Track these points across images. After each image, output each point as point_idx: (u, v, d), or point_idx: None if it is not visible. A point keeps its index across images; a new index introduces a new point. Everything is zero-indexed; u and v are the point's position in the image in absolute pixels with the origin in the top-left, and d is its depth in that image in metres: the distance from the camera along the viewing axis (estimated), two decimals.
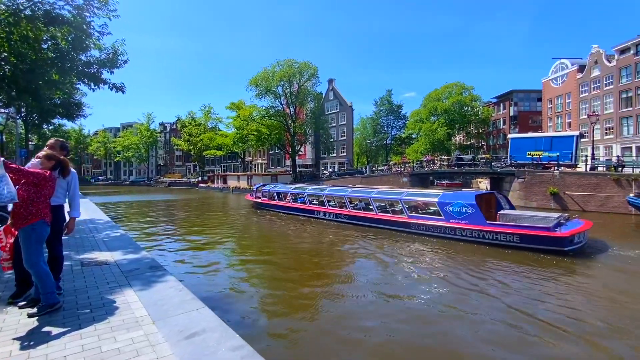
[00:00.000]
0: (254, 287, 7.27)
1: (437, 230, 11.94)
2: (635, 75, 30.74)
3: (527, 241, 10.05)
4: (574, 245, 9.65)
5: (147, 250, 9.36)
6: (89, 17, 7.84)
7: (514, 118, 50.61)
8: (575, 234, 9.67)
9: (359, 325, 5.26)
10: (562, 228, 9.94)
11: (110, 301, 3.51)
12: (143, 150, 73.55)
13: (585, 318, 5.52)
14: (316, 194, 18.54)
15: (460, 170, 29.53)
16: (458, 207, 11.57)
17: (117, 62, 8.03)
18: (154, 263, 4.92)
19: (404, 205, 13.29)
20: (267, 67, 41.07)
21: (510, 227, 10.61)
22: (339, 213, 15.97)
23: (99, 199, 34.17)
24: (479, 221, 10.96)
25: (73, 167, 3.81)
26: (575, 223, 10.58)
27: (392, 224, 13.50)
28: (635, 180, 18.36)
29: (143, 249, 5.86)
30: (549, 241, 9.71)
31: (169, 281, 4.10)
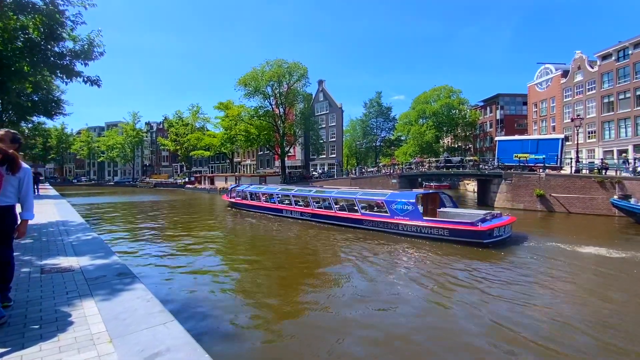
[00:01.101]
0: (231, 294, 6.99)
1: (384, 226, 13.35)
2: (616, 80, 31.57)
3: (454, 234, 11.41)
4: (492, 238, 11.00)
5: (121, 255, 8.94)
6: (62, 4, 7.34)
7: (500, 121, 51.47)
8: (494, 228, 11.04)
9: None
10: (483, 223, 11.18)
11: (65, 315, 3.11)
12: (128, 150, 71.71)
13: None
14: (285, 194, 19.43)
15: (448, 172, 29.66)
16: (401, 205, 12.89)
17: (91, 53, 7.54)
18: (124, 269, 4.51)
19: (358, 203, 14.67)
20: (256, 67, 40.61)
21: (441, 222, 11.99)
22: (303, 212, 17.18)
23: (79, 200, 33.00)
24: (417, 217, 12.36)
25: (26, 162, 3.39)
26: (499, 219, 11.92)
27: (348, 221, 14.80)
28: (618, 182, 18.70)
29: (114, 254, 5.42)
30: (471, 234, 11.06)
31: (137, 290, 3.71)
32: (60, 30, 7.18)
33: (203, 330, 5.27)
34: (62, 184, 70.38)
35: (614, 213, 17.99)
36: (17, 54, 7.00)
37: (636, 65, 29.64)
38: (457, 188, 52.08)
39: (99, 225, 16.05)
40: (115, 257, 5.17)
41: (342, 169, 45.77)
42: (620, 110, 31.13)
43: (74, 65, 7.49)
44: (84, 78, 7.67)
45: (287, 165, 49.04)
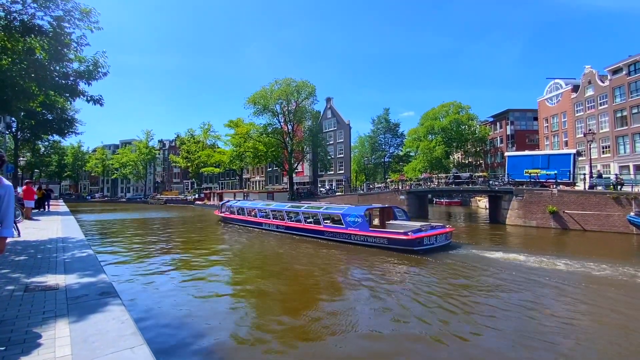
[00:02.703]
0: (215, 315, 6.74)
1: (340, 236, 15.20)
2: (628, 94, 30.96)
3: (392, 243, 13.19)
4: (422, 246, 12.70)
5: (115, 273, 8.89)
6: (68, 28, 7.66)
7: (511, 137, 50.79)
8: (424, 237, 12.83)
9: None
10: (415, 233, 12.92)
11: (35, 336, 3.00)
12: (141, 167, 73.37)
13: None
14: (265, 208, 21.31)
15: (457, 189, 29.11)
16: (353, 217, 14.75)
17: (96, 74, 7.79)
18: (108, 288, 4.41)
19: (321, 217, 16.52)
20: (265, 86, 41.60)
21: (382, 232, 13.88)
22: (279, 224, 19.10)
23: (90, 216, 33.58)
24: (365, 228, 14.22)
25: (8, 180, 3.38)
26: (433, 230, 13.62)
27: (313, 232, 16.72)
28: (634, 198, 17.96)
29: (103, 272, 5.34)
30: (404, 243, 12.78)
31: (115, 311, 3.59)
32: (66, 52, 7.47)
33: (179, 353, 5.11)
34: (76, 200, 72.07)
35: (632, 230, 17.20)
36: (22, 74, 7.27)
37: None
38: (468, 205, 51.03)
39: (101, 242, 16.20)
40: (103, 276, 5.09)
41: (350, 185, 45.56)
42: (635, 125, 30.35)
43: (77, 85, 7.76)
44: (87, 97, 7.91)
45: (296, 182, 49.14)
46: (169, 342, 5.46)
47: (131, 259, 12.33)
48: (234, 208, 24.42)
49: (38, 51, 7.30)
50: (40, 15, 7.41)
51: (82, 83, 7.81)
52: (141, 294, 8.00)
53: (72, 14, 7.66)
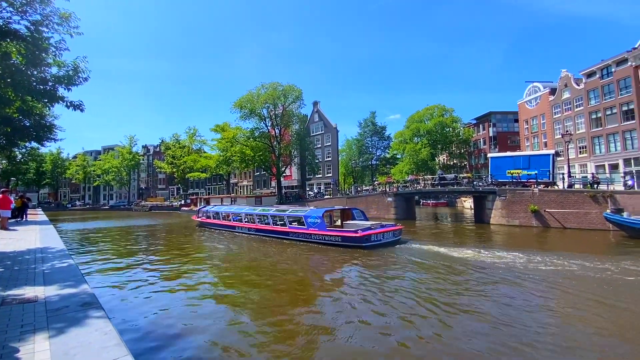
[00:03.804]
0: (200, 323, 6.60)
1: (303, 236, 16.53)
2: (602, 97, 32.31)
3: (344, 240, 14.79)
4: (370, 242, 14.29)
5: (97, 283, 8.66)
6: (47, 32, 7.46)
7: (494, 138, 52.15)
8: (372, 235, 14.41)
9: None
10: (364, 231, 14.55)
11: (13, 351, 2.90)
12: (124, 173, 71.57)
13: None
14: (237, 212, 22.66)
15: (443, 190, 29.64)
16: (313, 219, 16.15)
17: (76, 79, 7.60)
18: (91, 299, 4.30)
19: (287, 219, 17.83)
20: (252, 90, 41.36)
21: (336, 231, 15.40)
22: (250, 227, 20.26)
23: (71, 225, 32.52)
24: (322, 228, 15.63)
25: None
26: (383, 227, 15.28)
27: (280, 233, 17.95)
28: (610, 196, 18.70)
29: (85, 282, 5.20)
30: (354, 240, 14.42)
31: (97, 322, 3.51)
32: (44, 56, 7.27)
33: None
34: (56, 208, 69.64)
35: (609, 227, 17.88)
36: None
37: (620, 82, 30.44)
38: (454, 205, 51.98)
39: (82, 252, 15.70)
40: (85, 286, 4.95)
41: (338, 188, 45.69)
42: (609, 126, 31.66)
43: (56, 90, 7.54)
44: (67, 103, 7.70)
45: (284, 186, 48.96)
46: (154, 352, 5.35)
47: (114, 269, 12.00)
48: (210, 213, 25.43)
49: (14, 55, 7.07)
50: (17, 19, 7.21)
51: (61, 88, 7.59)
52: (125, 304, 7.80)
53: (51, 19, 7.47)
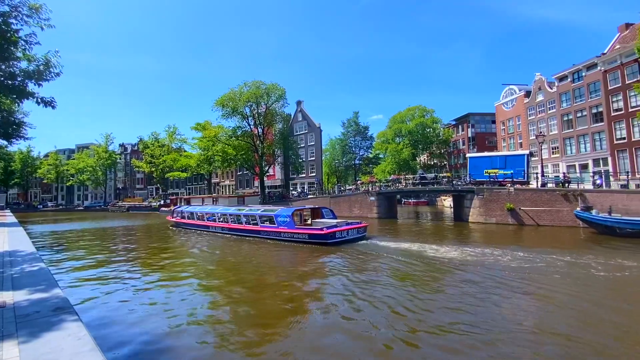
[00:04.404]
0: (177, 326, 6.46)
1: (273, 234, 17.27)
2: (573, 100, 33.87)
3: (311, 238, 15.59)
4: (335, 239, 15.19)
5: (72, 287, 8.34)
6: (15, 24, 7.09)
7: (472, 139, 53.65)
8: (336, 232, 15.33)
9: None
10: (329, 228, 15.46)
11: None
12: (100, 173, 68.95)
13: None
14: (211, 212, 22.99)
15: (424, 189, 30.26)
16: (283, 217, 16.89)
17: (47, 74, 7.24)
18: (63, 303, 4.14)
19: (258, 218, 18.47)
20: (234, 88, 40.78)
21: (304, 229, 16.33)
22: (223, 227, 20.72)
23: (42, 227, 31.07)
24: (291, 226, 16.42)
25: None
26: (348, 225, 16.25)
27: (252, 232, 18.65)
28: (580, 195, 19.65)
29: (57, 286, 5.00)
30: (320, 237, 15.25)
31: (70, 327, 3.38)
32: (13, 50, 6.90)
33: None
34: (26, 210, 66.31)
35: (579, 224, 18.79)
36: None
37: (590, 86, 32.00)
38: (434, 204, 53.19)
39: (54, 255, 15.04)
40: (57, 290, 4.76)
41: (322, 187, 45.79)
42: (579, 127, 33.22)
43: (26, 86, 7.17)
44: (38, 99, 7.33)
45: (267, 185, 48.60)
46: (130, 358, 5.20)
47: (88, 272, 11.56)
48: (184, 213, 25.74)
49: None
50: None
51: (31, 84, 7.21)
52: (100, 308, 7.54)
53: (20, 10, 7.11)
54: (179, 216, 26.32)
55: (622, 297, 7.73)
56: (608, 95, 29.78)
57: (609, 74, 29.66)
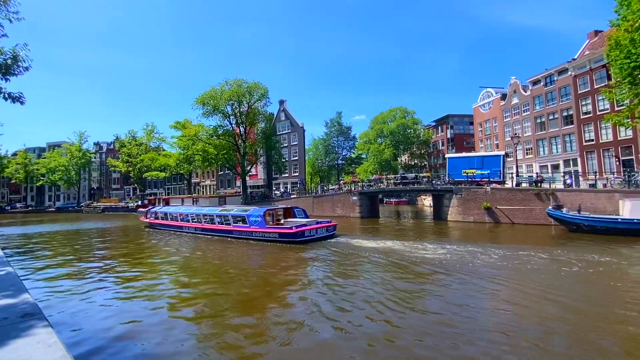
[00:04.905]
0: (151, 331, 6.30)
1: (245, 234, 17.71)
2: (546, 103, 35.43)
3: (281, 236, 16.15)
4: (304, 237, 15.78)
5: (42, 291, 8.00)
6: None
7: (451, 140, 55.13)
8: (305, 231, 15.91)
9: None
10: (299, 227, 15.96)
11: None
12: (73, 172, 66.08)
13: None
14: (185, 212, 23.06)
15: (404, 189, 30.82)
16: (254, 217, 17.34)
17: (14, 68, 6.89)
18: (32, 309, 3.94)
19: (231, 218, 18.73)
20: (215, 86, 40.11)
21: (274, 228, 16.90)
22: (197, 227, 20.95)
23: (10, 230, 29.51)
24: (262, 226, 16.93)
25: None
26: (318, 224, 16.96)
27: (224, 232, 18.97)
28: (552, 194, 20.58)
29: (27, 291, 4.75)
30: (289, 235, 15.83)
31: (40, 333, 3.23)
32: None
33: None
34: None
35: (551, 222, 19.67)
36: None
37: (561, 90, 33.57)
38: (415, 203, 54.26)
39: (23, 258, 14.32)
40: (25, 295, 4.52)
41: (305, 187, 45.78)
42: (551, 130, 34.80)
43: None
44: (5, 94, 6.95)
45: (250, 185, 48.07)
46: None
47: (59, 276, 11.07)
48: (158, 214, 25.70)
49: None
50: None
51: None
52: (71, 313, 7.24)
53: None
54: (152, 217, 26.19)
55: (591, 290, 8.17)
56: (578, 99, 31.34)
57: (579, 79, 31.22)
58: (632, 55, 15.85)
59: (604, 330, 5.87)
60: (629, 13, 16.08)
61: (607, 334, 5.71)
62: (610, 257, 11.36)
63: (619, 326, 6.05)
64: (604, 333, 5.75)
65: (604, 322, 6.20)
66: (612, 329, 5.91)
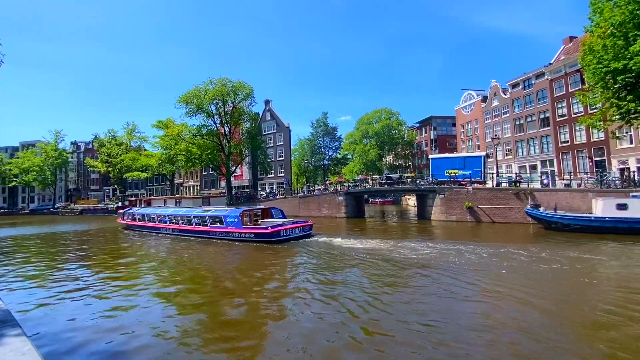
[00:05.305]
0: (128, 338, 6.07)
1: (222, 234, 18.00)
2: (524, 105, 36.65)
3: (257, 236, 16.52)
4: (279, 237, 16.15)
5: (15, 298, 7.72)
6: None
7: (434, 141, 56.21)
8: (281, 231, 16.29)
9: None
10: (274, 227, 16.30)
11: None
12: (48, 173, 63.47)
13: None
14: (162, 214, 22.91)
15: (389, 189, 31.20)
16: (231, 218, 17.54)
17: None
18: (5, 316, 3.77)
19: (208, 219, 18.92)
20: (199, 85, 39.40)
21: (249, 229, 17.12)
22: (174, 228, 21.05)
23: None
24: (239, 226, 17.16)
25: None
26: (294, 224, 17.41)
27: (202, 233, 19.12)
28: (530, 193, 21.30)
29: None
30: (265, 235, 16.18)
31: (13, 341, 3.09)
32: None
33: None
34: None
35: (529, 221, 20.35)
36: None
37: (538, 93, 34.80)
38: (400, 203, 55.05)
39: None
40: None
41: (291, 187, 45.62)
42: (529, 131, 36.02)
43: None
44: None
45: (235, 186, 47.50)
46: None
47: (34, 282, 10.59)
48: (136, 215, 25.60)
49: None
50: None
51: None
52: (46, 320, 6.94)
53: None
54: (129, 218, 26.07)
55: (565, 286, 8.50)
56: (554, 102, 32.57)
57: (555, 83, 32.45)
58: (604, 61, 16.59)
59: (576, 326, 6.11)
60: (602, 20, 16.83)
61: (574, 328, 5.94)
62: (583, 254, 11.84)
63: (590, 321, 6.31)
64: (574, 328, 5.98)
65: (578, 318, 6.46)
66: (582, 325, 6.16)
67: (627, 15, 15.56)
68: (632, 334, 5.56)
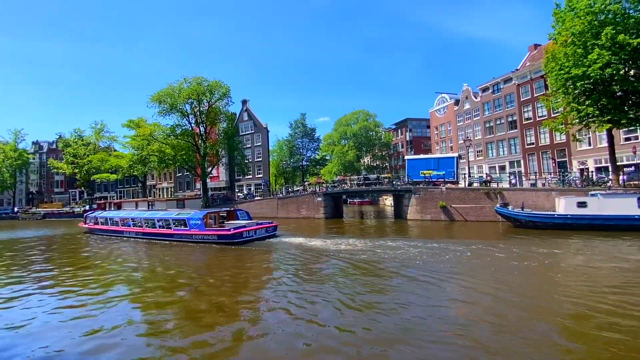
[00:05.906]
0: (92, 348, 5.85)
1: (185, 237, 17.94)
2: (494, 109, 38.31)
3: (220, 238, 16.60)
4: (242, 238, 16.32)
5: None
6: None
7: (410, 142, 57.62)
8: (244, 232, 16.45)
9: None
10: (237, 229, 16.52)
11: None
12: (7, 175, 59.24)
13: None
14: (126, 217, 22.64)
15: (367, 189, 31.61)
16: (195, 220, 17.67)
17: None
18: None
19: (172, 222, 18.90)
20: (172, 83, 38.16)
21: (212, 231, 17.16)
22: (137, 231, 20.80)
23: None
24: (202, 228, 17.25)
25: None
26: (258, 225, 17.62)
27: (165, 236, 18.98)
28: (499, 193, 22.24)
29: None
30: (227, 237, 16.34)
31: None
32: None
33: None
34: None
35: (499, 219, 21.24)
36: None
37: (506, 97, 36.50)
38: (377, 203, 55.89)
39: None
40: None
41: (269, 189, 45.15)
42: (498, 133, 37.70)
43: None
44: None
45: (211, 187, 46.39)
46: None
47: None
48: (99, 219, 24.95)
49: None
50: None
51: None
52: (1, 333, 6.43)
53: None
54: (92, 222, 25.43)
55: (530, 280, 8.91)
56: (520, 106, 34.26)
57: (522, 87, 34.15)
58: (565, 68, 17.66)
59: (546, 317, 6.40)
60: (563, 29, 17.91)
61: (544, 320, 6.23)
62: (546, 249, 12.52)
63: (556, 313, 6.64)
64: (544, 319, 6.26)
65: (547, 311, 6.76)
66: (552, 316, 6.47)
67: (585, 26, 16.64)
68: (595, 324, 5.87)
